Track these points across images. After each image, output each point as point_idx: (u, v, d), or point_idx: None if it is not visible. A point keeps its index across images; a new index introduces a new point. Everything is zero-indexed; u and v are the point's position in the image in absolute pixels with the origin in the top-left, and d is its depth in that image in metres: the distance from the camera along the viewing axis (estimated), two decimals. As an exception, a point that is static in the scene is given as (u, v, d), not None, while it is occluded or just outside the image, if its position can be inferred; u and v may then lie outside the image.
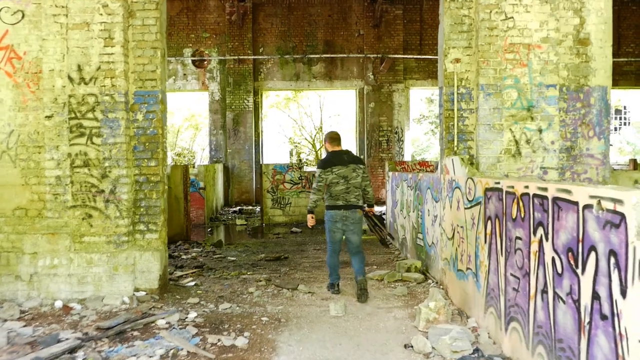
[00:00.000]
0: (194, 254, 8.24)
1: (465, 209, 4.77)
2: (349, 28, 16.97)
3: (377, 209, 16.24)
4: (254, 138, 16.99)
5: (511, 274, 3.69)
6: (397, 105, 16.79)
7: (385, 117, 16.75)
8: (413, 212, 7.37)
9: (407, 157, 16.94)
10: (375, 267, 7.22)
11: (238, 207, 15.84)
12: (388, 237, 6.58)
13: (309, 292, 5.79)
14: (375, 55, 16.66)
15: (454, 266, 5.17)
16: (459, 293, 4.99)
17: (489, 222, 4.14)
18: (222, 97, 16.93)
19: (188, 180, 10.00)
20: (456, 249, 5.11)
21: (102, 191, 5.35)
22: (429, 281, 6.10)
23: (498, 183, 3.95)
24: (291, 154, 24.32)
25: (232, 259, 7.99)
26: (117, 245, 5.36)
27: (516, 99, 5.39)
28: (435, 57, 16.89)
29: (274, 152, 21.71)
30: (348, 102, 18.46)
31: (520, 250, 3.53)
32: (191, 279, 6.51)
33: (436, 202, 5.97)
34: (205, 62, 16.99)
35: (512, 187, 3.65)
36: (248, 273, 6.89)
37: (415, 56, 16.73)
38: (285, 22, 16.89)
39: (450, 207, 5.29)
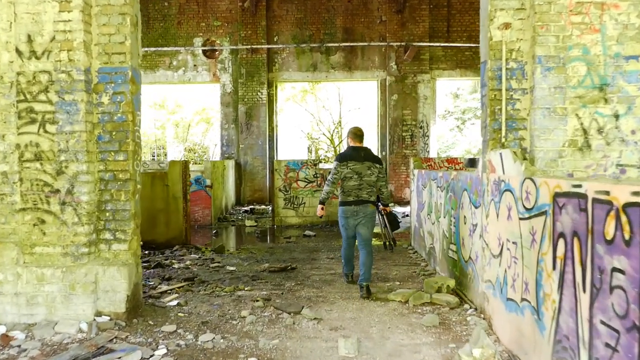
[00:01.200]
0: (188, 262, 7.18)
1: (521, 219, 3.55)
2: (370, 14, 15.72)
3: (399, 209, 15.03)
4: (267, 133, 15.91)
5: (602, 322, 2.48)
6: (422, 98, 15.48)
7: (409, 110, 15.47)
8: (444, 217, 6.15)
9: (432, 154, 15.64)
10: (398, 283, 6.03)
11: (250, 207, 14.80)
12: (391, 242, 6.06)
13: (315, 319, 4.65)
14: (398, 44, 15.39)
15: (502, 293, 3.96)
16: (510, 330, 3.77)
17: (562, 240, 2.92)
18: (234, 89, 15.90)
19: (188, 177, 8.97)
20: (505, 271, 3.90)
21: (57, 191, 4.30)
22: (465, 306, 4.89)
23: (579, 186, 2.73)
24: (309, 151, 23.22)
25: (231, 268, 6.91)
26: (75, 258, 4.31)
27: (585, 75, 4.13)
28: (466, 45, 15.59)
29: (291, 148, 20.64)
30: (369, 95, 17.24)
31: (621, 289, 2.32)
32: (176, 295, 5.44)
33: (475, 207, 4.75)
34: (217, 52, 15.99)
35: (607, 192, 2.44)
36: (245, 289, 5.78)
37: (442, 44, 15.40)
38: (302, 9, 15.74)
39: (497, 215, 4.07)
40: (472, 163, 12.41)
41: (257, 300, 5.18)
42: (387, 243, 6.09)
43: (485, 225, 4.40)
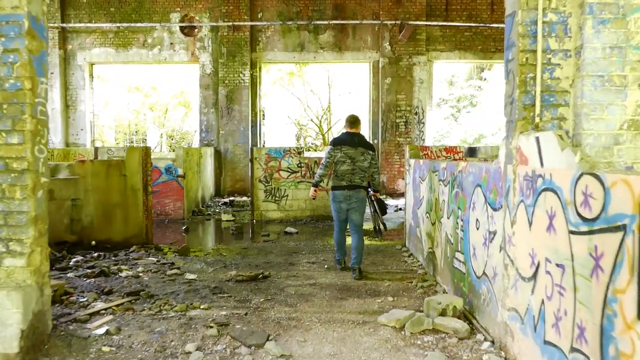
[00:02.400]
0: (140, 269, 6.00)
1: (574, 233, 2.43)
2: (363, -10, 14.45)
3: (392, 202, 13.93)
4: (250, 118, 14.68)
5: None
6: (417, 81, 14.31)
7: (403, 94, 14.29)
8: (447, 218, 5.03)
9: (428, 142, 14.51)
10: (391, 298, 4.91)
11: (230, 198, 13.61)
12: (382, 226, 6.12)
13: (282, 356, 3.52)
14: (393, 22, 14.16)
15: (535, 331, 2.85)
16: (551, 389, 2.67)
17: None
18: (214, 70, 14.62)
19: (149, 166, 7.76)
20: (542, 302, 2.78)
21: None
22: (479, 337, 3.78)
23: None
24: (298, 138, 22.00)
25: (191, 277, 5.75)
26: (-52, 278, 3.14)
27: (653, 31, 2.99)
28: (465, 24, 14.38)
29: (278, 136, 19.42)
30: (360, 78, 16.02)
31: None
32: (110, 317, 4.28)
33: (494, 209, 3.62)
34: (195, 30, 14.67)
35: None
36: (202, 306, 4.64)
37: (440, 23, 14.20)
38: (288, -17, 14.44)
39: (529, 223, 2.95)
40: (472, 152, 11.32)
41: (211, 327, 4.03)
42: (378, 227, 6.14)
43: (509, 235, 3.28)
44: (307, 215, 10.48)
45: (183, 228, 9.40)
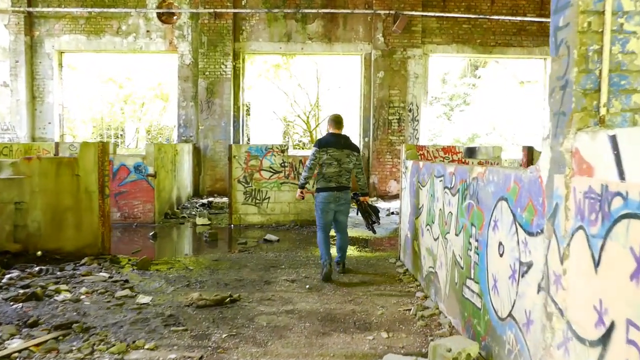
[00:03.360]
0: (83, 290, 4.99)
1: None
2: (355, -23, 13.48)
3: (383, 204, 13.01)
4: (232, 113, 13.65)
5: None
6: (412, 76, 13.38)
7: (397, 89, 13.36)
8: (456, 235, 4.09)
9: (422, 141, 13.59)
10: (385, 334, 3.97)
11: (208, 199, 12.60)
12: (374, 222, 6.14)
13: None
14: (386, 12, 13.22)
15: None
16: None
17: None
18: (193, 61, 13.56)
19: (106, 164, 6.73)
20: (620, 385, 1.84)
21: None
22: (504, 402, 2.85)
23: None
24: (285, 136, 21.00)
25: (145, 300, 4.75)
26: None
27: None
28: (464, 15, 13.42)
29: (263, 132, 18.40)
30: (351, 71, 15.04)
31: None
32: (22, 364, 3.28)
33: (529, 233, 2.69)
34: (174, 17, 13.59)
35: None
36: (146, 346, 3.66)
37: (437, 14, 13.28)
38: (275, -32, 13.43)
39: (596, 260, 2.01)
40: (471, 153, 10.43)
41: (150, 381, 3.06)
42: (371, 224, 6.13)
43: (557, 273, 2.34)
44: (291, 220, 9.52)
45: (150, 234, 8.38)
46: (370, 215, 6.13)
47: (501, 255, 3.09)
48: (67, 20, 13.47)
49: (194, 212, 11.17)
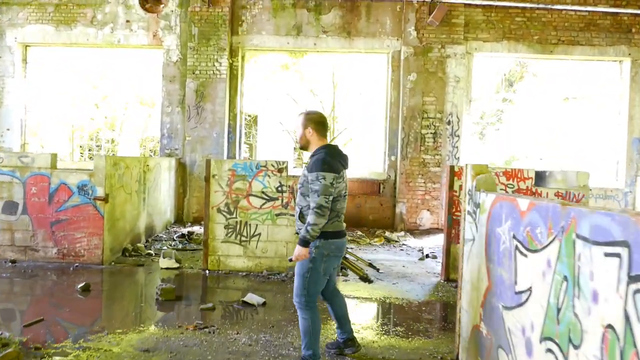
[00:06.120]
0: None
1: None
2: (382, -42, 10.95)
3: (413, 242, 10.19)
4: (227, 121, 11.10)
5: None
6: (452, 79, 10.67)
7: (433, 96, 10.65)
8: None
9: (463, 161, 10.80)
10: None
11: (189, 229, 9.95)
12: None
13: None
14: (420, 0, 10.61)
15: None
16: None
17: None
18: (182, 58, 11.10)
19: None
20: None
21: None
22: None
23: None
24: (295, 151, 18.38)
25: None
26: None
27: None
28: (519, 4, 10.62)
29: (269, 147, 15.82)
30: (375, 73, 12.40)
31: None
32: None
33: None
34: (160, 5, 11.19)
35: None
36: None
37: (484, 1, 10.61)
38: (284, -54, 10.99)
39: None
40: (540, 179, 7.67)
41: None
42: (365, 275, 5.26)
43: None
44: (289, 267, 6.79)
45: (79, 286, 5.71)
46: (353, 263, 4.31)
47: None
48: (33, 7, 11.18)
49: (167, 247, 8.54)
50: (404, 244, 9.62)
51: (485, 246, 3.42)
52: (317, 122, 3.64)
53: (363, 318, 5.09)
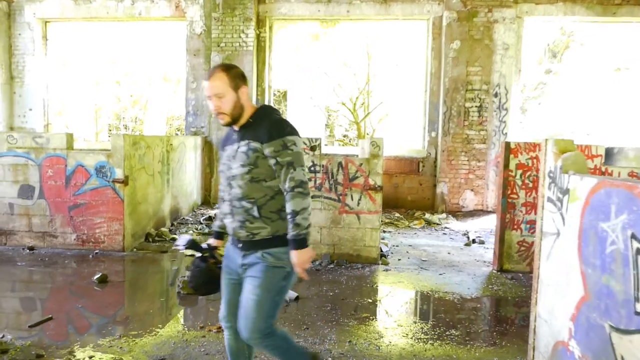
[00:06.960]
0: None
1: None
2: None
3: (456, 225, 9.45)
4: (255, 96, 10.47)
5: None
6: (500, 47, 9.68)
7: (478, 66, 9.70)
8: None
9: (510, 138, 9.85)
10: None
11: (216, 211, 9.43)
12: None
13: None
14: (465, -41, 9.59)
15: None
16: None
17: None
18: (206, 30, 10.44)
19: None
20: None
21: None
22: None
23: None
24: (328, 128, 17.64)
25: None
26: None
27: None
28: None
29: (302, 123, 15.15)
30: (414, 42, 11.44)
31: None
32: None
33: None
34: (183, -28, 10.52)
35: None
36: None
37: (538, -42, 9.51)
38: None
39: None
40: (608, 156, 6.81)
41: None
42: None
43: None
44: (324, 252, 6.17)
45: (95, 278, 5.23)
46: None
47: None
48: (52, -20, 10.69)
49: (192, 231, 8.06)
50: (446, 227, 8.87)
51: (578, 244, 2.66)
52: (245, 78, 2.53)
53: (409, 317, 4.42)
